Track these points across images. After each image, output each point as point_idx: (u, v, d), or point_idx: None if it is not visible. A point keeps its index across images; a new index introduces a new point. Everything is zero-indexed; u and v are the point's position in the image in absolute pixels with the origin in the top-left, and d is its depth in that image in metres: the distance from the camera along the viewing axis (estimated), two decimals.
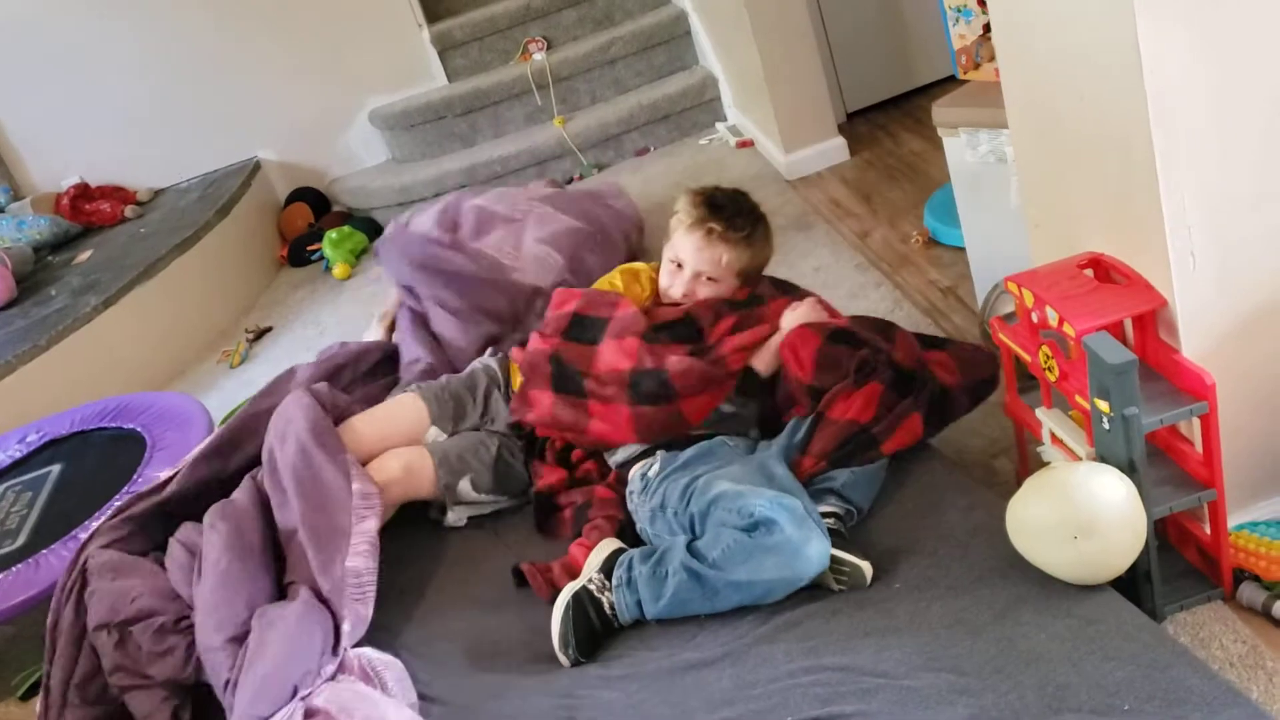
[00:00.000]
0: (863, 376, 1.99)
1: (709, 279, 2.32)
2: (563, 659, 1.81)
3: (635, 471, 2.09)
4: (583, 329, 2.27)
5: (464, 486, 2.27)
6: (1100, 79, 1.61)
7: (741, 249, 2.33)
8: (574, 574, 1.95)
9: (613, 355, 2.19)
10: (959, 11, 2.41)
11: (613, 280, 2.47)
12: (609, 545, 1.97)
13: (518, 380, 2.35)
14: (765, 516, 1.74)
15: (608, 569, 1.88)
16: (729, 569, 1.75)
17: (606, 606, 1.84)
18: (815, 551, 1.73)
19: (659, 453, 2.10)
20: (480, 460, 2.29)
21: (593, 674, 1.77)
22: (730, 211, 2.34)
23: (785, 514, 1.74)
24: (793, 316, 2.20)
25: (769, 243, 2.42)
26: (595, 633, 1.83)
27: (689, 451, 2.05)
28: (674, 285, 2.35)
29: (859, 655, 1.59)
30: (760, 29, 3.61)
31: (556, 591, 1.90)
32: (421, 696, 1.81)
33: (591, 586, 1.86)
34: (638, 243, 3.31)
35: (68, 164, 4.75)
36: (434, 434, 2.38)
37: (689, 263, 2.33)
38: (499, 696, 1.77)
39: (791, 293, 2.34)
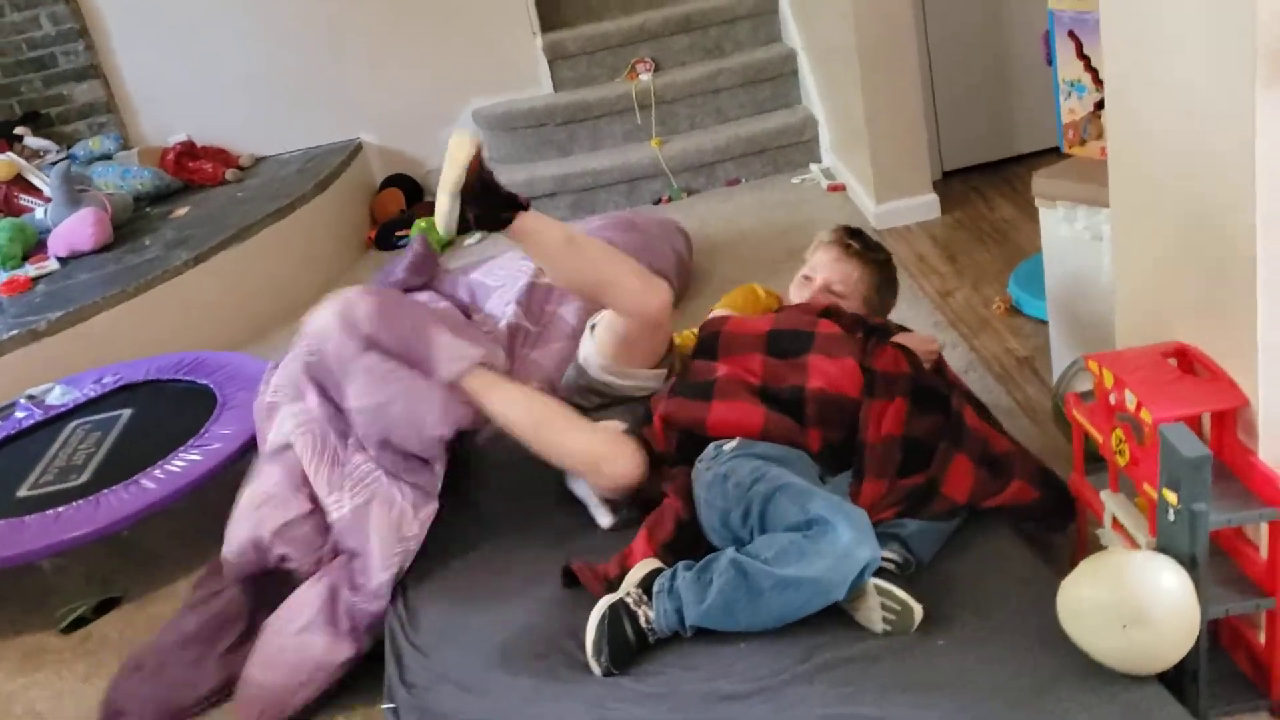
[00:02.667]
0: (888, 396, 2.06)
1: (837, 294, 2.39)
2: (594, 667, 1.82)
3: (711, 444, 2.11)
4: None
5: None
6: (1211, 171, 1.60)
7: (873, 271, 2.44)
8: (626, 568, 1.97)
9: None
10: (1072, 86, 2.40)
11: (733, 300, 2.53)
12: (649, 564, 1.98)
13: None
14: (821, 515, 1.78)
15: (646, 585, 1.90)
16: (778, 566, 1.77)
17: (643, 620, 1.85)
18: (866, 555, 1.74)
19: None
20: None
21: (627, 686, 1.78)
22: (867, 240, 2.47)
23: (843, 518, 1.77)
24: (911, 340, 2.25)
25: (895, 285, 2.52)
26: (629, 645, 1.84)
27: (766, 445, 2.06)
28: (800, 297, 2.42)
29: (895, 708, 1.59)
30: (868, 76, 3.63)
31: (608, 584, 1.93)
32: (459, 686, 1.84)
33: (629, 600, 1.88)
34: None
35: (177, 120, 4.89)
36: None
37: (821, 272, 2.42)
38: (532, 699, 1.79)
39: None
